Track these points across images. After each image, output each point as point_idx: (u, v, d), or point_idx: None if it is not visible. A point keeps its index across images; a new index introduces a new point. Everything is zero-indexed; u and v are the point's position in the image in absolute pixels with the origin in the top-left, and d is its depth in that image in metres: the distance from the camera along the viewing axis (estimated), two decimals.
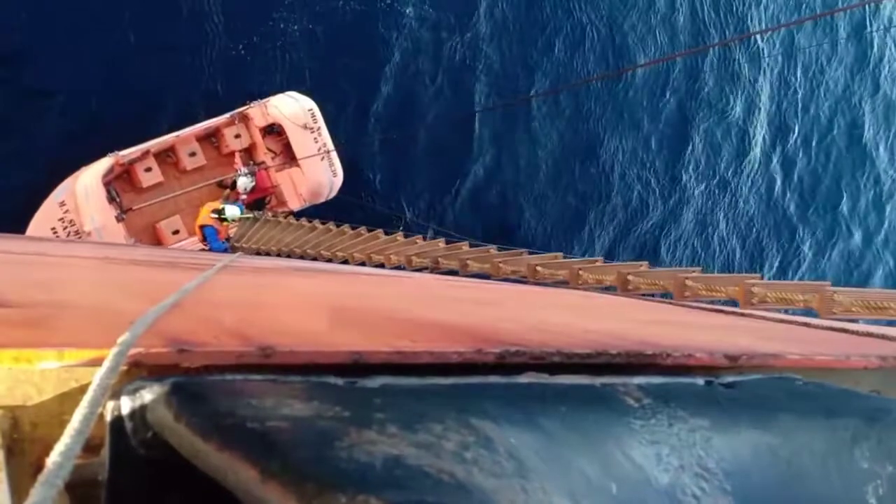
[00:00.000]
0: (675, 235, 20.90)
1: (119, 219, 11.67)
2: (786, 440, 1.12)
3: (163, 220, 12.47)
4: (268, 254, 10.03)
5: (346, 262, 8.37)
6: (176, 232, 12.41)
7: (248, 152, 13.38)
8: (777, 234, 23.12)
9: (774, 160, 22.99)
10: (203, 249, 11.70)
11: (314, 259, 8.94)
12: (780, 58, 22.83)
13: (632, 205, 19.98)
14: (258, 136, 13.24)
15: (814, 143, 23.82)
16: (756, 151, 22.49)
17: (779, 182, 23.13)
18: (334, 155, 13.22)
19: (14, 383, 0.94)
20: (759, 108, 22.40)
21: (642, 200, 20.17)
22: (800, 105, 23.49)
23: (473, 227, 15.97)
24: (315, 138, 12.90)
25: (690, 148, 21.05)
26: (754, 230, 22.64)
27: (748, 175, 22.41)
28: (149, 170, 12.24)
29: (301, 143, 12.85)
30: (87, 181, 11.28)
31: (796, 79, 23.32)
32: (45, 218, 11.10)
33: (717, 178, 21.83)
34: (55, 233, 11.07)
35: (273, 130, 13.27)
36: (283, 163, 13.41)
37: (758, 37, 21.79)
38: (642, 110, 19.95)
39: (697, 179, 21.32)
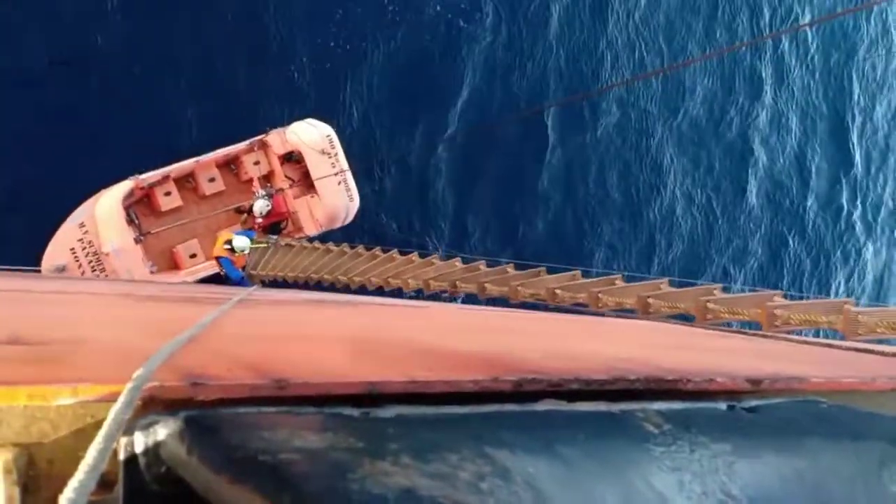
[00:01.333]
0: (738, 253, 20.48)
1: (138, 241, 11.79)
2: (811, 464, 1.09)
3: (180, 244, 12.59)
4: (284, 280, 10.08)
5: (363, 287, 8.37)
6: (193, 256, 12.51)
7: (267, 179, 13.53)
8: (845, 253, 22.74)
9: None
10: (219, 273, 11.89)
11: (331, 285, 8.95)
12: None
13: (692, 220, 19.65)
14: (277, 164, 13.40)
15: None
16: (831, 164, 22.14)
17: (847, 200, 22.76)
18: (351, 180, 13.33)
19: (30, 421, 0.94)
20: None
21: (694, 215, 19.81)
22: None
23: (521, 245, 15.89)
24: (332, 163, 13.03)
25: (755, 159, 20.71)
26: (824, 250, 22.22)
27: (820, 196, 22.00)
28: (168, 194, 12.40)
29: (318, 168, 12.99)
30: (108, 203, 11.44)
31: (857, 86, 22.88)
32: (64, 239, 11.25)
33: (788, 195, 21.49)
34: (74, 254, 11.19)
35: (292, 158, 13.43)
36: (301, 190, 13.54)
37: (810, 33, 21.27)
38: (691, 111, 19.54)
39: (764, 195, 21.01)
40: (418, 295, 7.71)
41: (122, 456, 0.88)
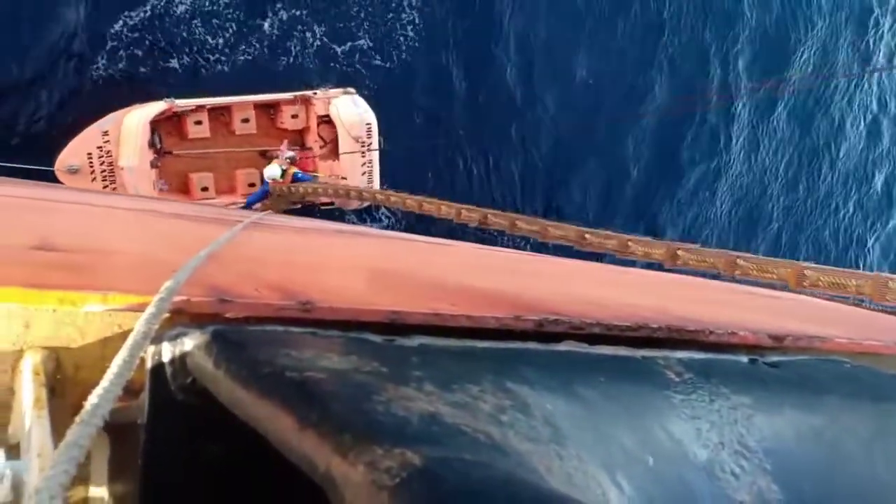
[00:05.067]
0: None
1: (153, 165, 11.83)
2: (831, 422, 1.09)
3: (196, 173, 12.60)
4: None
5: (398, 207, 8.53)
6: (205, 189, 12.46)
7: (300, 134, 13.53)
8: None
9: None
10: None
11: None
12: None
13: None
14: (314, 123, 13.37)
15: None
16: None
17: None
18: (376, 171, 13.26)
19: (58, 325, 0.95)
20: None
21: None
22: None
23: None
24: (363, 152, 12.96)
25: None
26: None
27: None
28: (199, 123, 12.39)
29: (348, 150, 12.97)
30: (136, 119, 11.50)
31: None
32: (84, 141, 11.32)
33: None
34: (90, 158, 11.29)
35: (330, 120, 13.35)
36: (329, 154, 13.52)
37: None
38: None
39: None
40: (449, 227, 7.75)
41: (149, 365, 0.90)
